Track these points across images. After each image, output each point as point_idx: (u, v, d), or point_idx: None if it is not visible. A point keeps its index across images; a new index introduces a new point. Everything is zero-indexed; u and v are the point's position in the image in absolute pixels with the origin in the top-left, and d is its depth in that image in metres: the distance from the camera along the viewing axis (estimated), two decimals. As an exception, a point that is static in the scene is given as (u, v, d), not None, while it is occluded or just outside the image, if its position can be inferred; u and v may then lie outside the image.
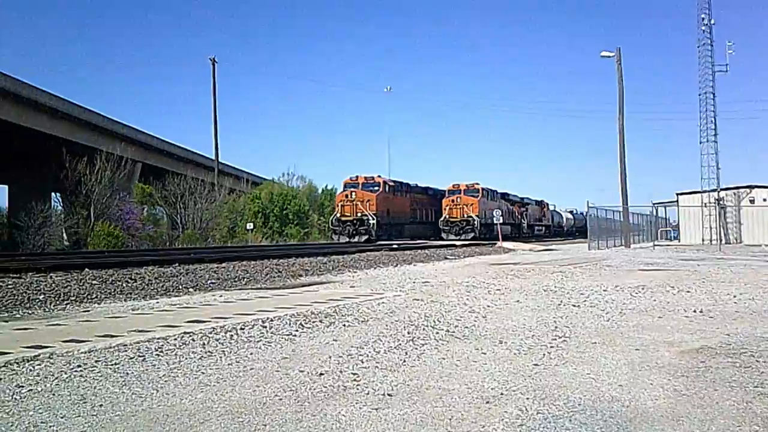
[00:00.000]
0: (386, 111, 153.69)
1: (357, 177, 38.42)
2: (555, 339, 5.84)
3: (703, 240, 36.74)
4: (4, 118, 31.44)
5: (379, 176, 38.97)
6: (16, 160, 39.86)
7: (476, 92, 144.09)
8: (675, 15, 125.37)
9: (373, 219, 36.05)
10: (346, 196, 37.60)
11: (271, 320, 6.92)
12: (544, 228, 59.81)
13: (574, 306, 8.25)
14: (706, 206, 36.73)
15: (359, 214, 36.33)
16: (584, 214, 43.35)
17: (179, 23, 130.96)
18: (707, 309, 7.83)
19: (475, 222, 39.98)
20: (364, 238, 35.85)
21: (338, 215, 37.40)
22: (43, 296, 9.31)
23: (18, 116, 32.48)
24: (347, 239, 35.99)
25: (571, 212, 72.26)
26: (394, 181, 41.00)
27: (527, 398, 3.84)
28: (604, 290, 10.11)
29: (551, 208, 64.48)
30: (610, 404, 3.72)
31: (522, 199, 53.41)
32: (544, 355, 5.13)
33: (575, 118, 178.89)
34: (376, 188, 37.73)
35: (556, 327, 6.53)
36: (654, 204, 41.33)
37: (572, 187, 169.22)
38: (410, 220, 42.03)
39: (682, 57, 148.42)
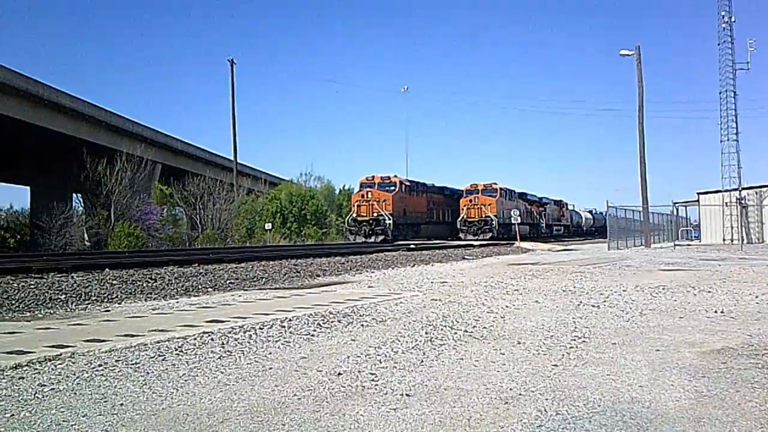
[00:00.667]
0: (403, 111, 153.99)
1: (373, 177, 38.29)
2: (574, 339, 5.80)
3: (724, 240, 36.33)
4: (24, 119, 31.81)
5: (396, 176, 38.81)
6: (37, 161, 40.30)
7: (494, 92, 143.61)
8: (694, 13, 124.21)
9: (390, 219, 35.93)
10: (362, 195, 37.48)
11: (290, 320, 6.96)
12: (562, 228, 59.50)
13: (593, 306, 8.19)
14: (727, 205, 36.31)
15: (375, 215, 36.19)
16: (604, 213, 43.04)
17: (192, 24, 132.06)
18: (729, 309, 7.74)
19: (493, 222, 39.84)
20: (380, 238, 35.75)
21: (354, 215, 37.30)
22: (64, 296, 9.41)
23: (39, 117, 32.83)
24: (363, 239, 35.90)
25: (590, 212, 71.83)
26: (410, 181, 40.88)
27: (546, 399, 3.82)
28: (623, 290, 10.03)
29: (570, 207, 64.11)
30: (631, 405, 3.69)
31: (540, 198, 53.16)
32: (563, 355, 5.10)
33: (595, 117, 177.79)
34: (392, 188, 37.58)
35: (575, 327, 6.49)
36: (674, 203, 40.87)
37: (592, 186, 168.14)
38: (427, 221, 41.91)
39: (702, 55, 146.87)
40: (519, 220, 38.71)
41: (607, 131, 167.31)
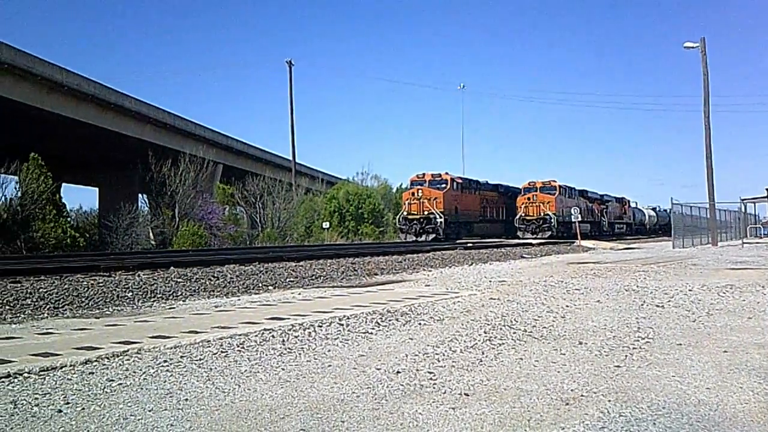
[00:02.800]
0: (460, 109, 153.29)
1: (424, 174, 37.25)
2: (638, 340, 5.67)
3: (796, 237, 34.91)
4: (92, 122, 33.00)
5: (447, 173, 37.83)
6: (105, 163, 41.79)
7: (552, 87, 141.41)
8: (760, 3, 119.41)
9: (441, 217, 35.08)
10: (413, 194, 36.55)
11: (348, 318, 7.01)
12: (625, 226, 58.04)
13: (657, 306, 7.99)
14: (799, 201, 34.88)
15: (426, 212, 35.32)
16: (668, 211, 41.90)
17: (250, 25, 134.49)
18: (802, 310, 7.43)
19: (552, 220, 39.08)
20: (431, 236, 34.93)
21: (405, 213, 36.46)
22: (131, 294, 9.72)
23: (106, 121, 34.03)
24: (414, 238, 35.04)
25: (653, 209, 69.92)
26: (462, 179, 40.12)
27: (609, 400, 3.75)
28: (689, 290, 9.74)
29: (633, 205, 62.52)
30: (697, 408, 3.59)
31: (601, 196, 52.00)
32: (626, 356, 4.99)
33: (658, 111, 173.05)
34: (444, 185, 36.67)
35: (638, 328, 6.34)
36: (742, 200, 39.49)
37: (656, 183, 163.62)
38: (479, 219, 41.11)
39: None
40: (579, 218, 37.82)
41: (672, 126, 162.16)
